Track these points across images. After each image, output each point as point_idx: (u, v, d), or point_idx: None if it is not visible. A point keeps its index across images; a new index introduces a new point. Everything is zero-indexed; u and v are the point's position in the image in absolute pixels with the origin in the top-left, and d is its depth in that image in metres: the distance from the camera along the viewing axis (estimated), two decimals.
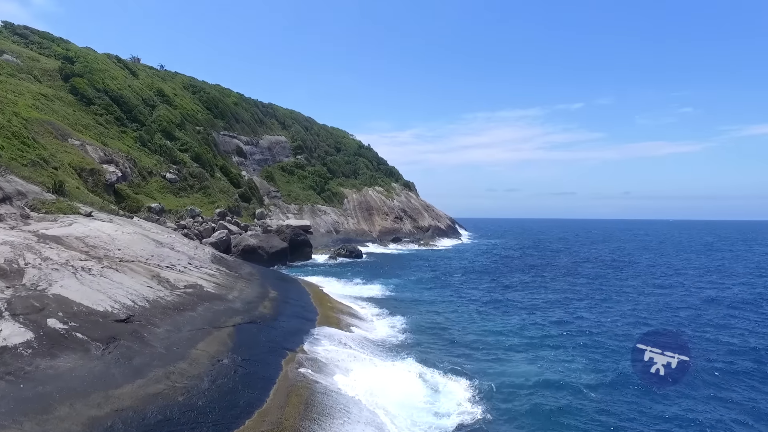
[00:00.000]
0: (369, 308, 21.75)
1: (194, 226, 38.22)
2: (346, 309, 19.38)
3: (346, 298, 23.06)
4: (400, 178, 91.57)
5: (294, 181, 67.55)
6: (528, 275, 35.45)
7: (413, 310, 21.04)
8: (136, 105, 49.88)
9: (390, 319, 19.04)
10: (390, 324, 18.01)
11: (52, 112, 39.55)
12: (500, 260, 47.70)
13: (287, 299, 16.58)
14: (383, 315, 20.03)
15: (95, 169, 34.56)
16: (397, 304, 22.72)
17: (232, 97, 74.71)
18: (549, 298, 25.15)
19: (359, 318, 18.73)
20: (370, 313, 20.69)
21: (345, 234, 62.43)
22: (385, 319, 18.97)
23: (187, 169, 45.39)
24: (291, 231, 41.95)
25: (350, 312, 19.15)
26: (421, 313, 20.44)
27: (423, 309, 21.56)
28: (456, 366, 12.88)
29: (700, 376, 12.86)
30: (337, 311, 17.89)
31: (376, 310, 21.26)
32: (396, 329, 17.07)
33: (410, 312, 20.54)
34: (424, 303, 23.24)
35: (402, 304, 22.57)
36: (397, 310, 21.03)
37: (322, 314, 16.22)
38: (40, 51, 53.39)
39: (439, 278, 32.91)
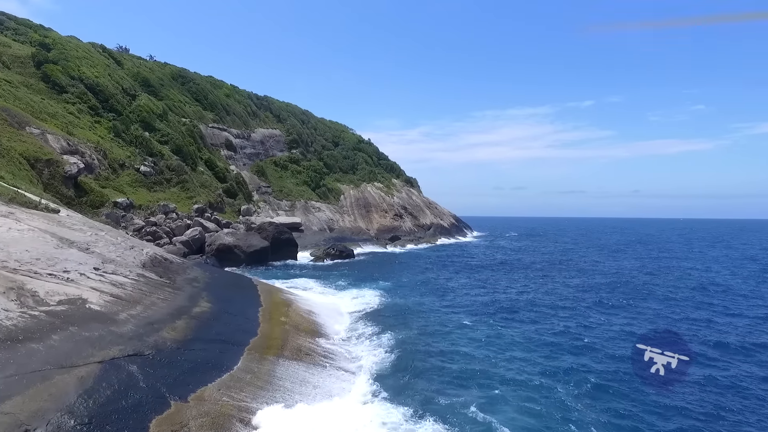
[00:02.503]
0: (343, 321, 18.19)
1: (165, 223, 34.89)
2: (307, 324, 15.79)
3: (320, 307, 19.51)
4: (401, 173, 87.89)
5: (287, 177, 64.11)
6: (537, 279, 31.67)
7: (398, 325, 17.40)
8: (114, 94, 46.66)
9: (363, 341, 15.44)
10: (362, 349, 14.41)
11: (15, 98, 36.37)
12: (504, 261, 43.88)
13: (221, 314, 13.03)
14: (357, 333, 16.45)
15: (53, 159, 31.26)
16: (379, 315, 19.13)
17: (225, 89, 71.42)
18: (562, 309, 21.40)
19: (323, 336, 15.16)
20: (343, 328, 17.12)
21: (340, 232, 58.89)
22: (357, 342, 15.38)
23: (164, 162, 42.07)
24: (274, 229, 38.47)
25: (312, 329, 15.57)
26: (406, 330, 16.78)
27: (410, 323, 17.91)
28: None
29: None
30: (291, 329, 14.32)
31: (351, 325, 17.69)
32: (367, 359, 13.44)
33: (393, 328, 16.92)
34: (413, 314, 19.60)
35: (385, 316, 18.97)
36: (378, 324, 17.44)
37: (264, 335, 12.66)
38: (15, 37, 50.31)
39: (434, 282, 29.24)
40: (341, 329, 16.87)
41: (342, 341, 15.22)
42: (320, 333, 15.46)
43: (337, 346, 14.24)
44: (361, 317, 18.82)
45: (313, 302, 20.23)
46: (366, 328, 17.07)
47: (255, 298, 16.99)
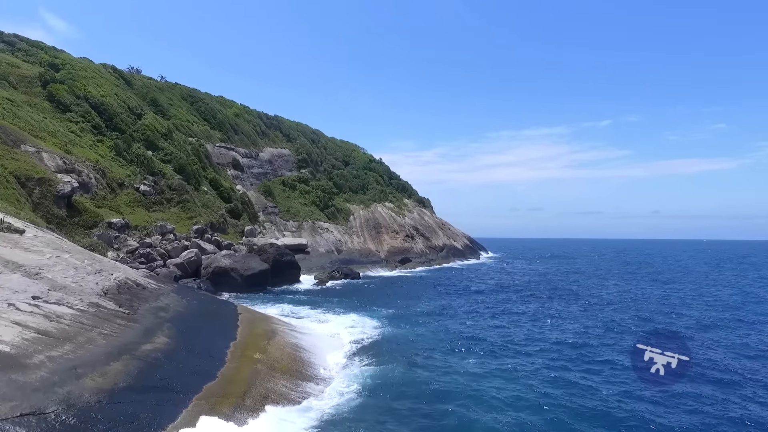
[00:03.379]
0: (332, 356, 16.07)
1: (161, 244, 33.41)
2: (287, 362, 13.75)
3: (309, 339, 17.49)
4: (413, 193, 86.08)
5: (295, 197, 62.75)
6: (557, 306, 29.14)
7: (393, 363, 15.23)
8: (118, 113, 46.13)
9: (350, 384, 13.30)
10: (345, 396, 12.27)
11: (14, 117, 35.78)
12: (519, 284, 41.29)
13: (178, 352, 11.10)
14: (344, 372, 14.31)
15: (45, 178, 30.20)
16: (375, 350, 16.98)
17: (234, 109, 71.13)
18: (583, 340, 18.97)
19: (302, 377, 13.09)
20: (330, 365, 15.02)
21: (348, 254, 56.95)
22: (342, 385, 13.25)
23: (165, 181, 40.95)
24: (275, 251, 36.73)
25: (292, 367, 13.53)
26: (401, 370, 14.61)
27: (408, 362, 15.70)
28: None
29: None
30: (265, 368, 12.29)
31: (340, 361, 15.57)
32: (347, 410, 11.29)
33: (387, 367, 14.77)
34: (412, 350, 17.38)
35: (381, 352, 16.81)
36: (371, 362, 15.32)
37: (225, 378, 10.66)
38: (26, 58, 50.57)
39: (440, 310, 26.93)
40: (327, 366, 14.78)
41: (323, 382, 13.12)
42: (300, 373, 13.39)
43: (315, 392, 12.13)
44: (355, 352, 16.69)
45: (302, 333, 18.19)
46: (356, 366, 14.93)
47: (231, 330, 15.05)
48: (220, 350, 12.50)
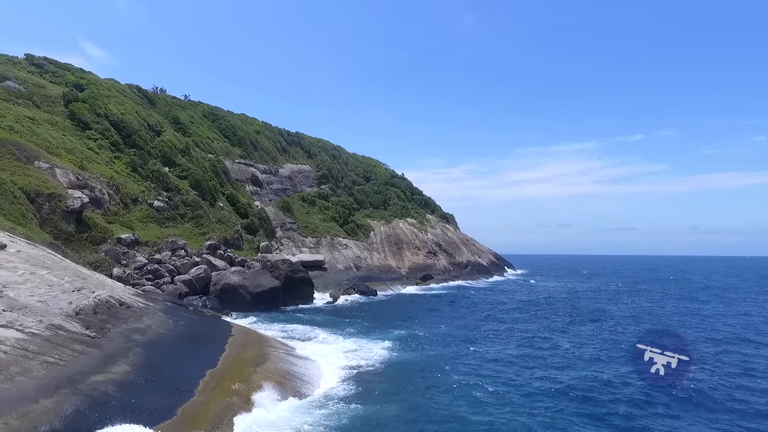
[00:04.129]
0: (324, 385, 14.35)
1: (171, 260, 32.62)
2: (274, 392, 12.13)
3: (304, 366, 15.88)
4: (436, 209, 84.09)
5: (314, 212, 61.79)
6: (585, 329, 26.69)
7: (387, 402, 13.36)
8: (137, 130, 46.35)
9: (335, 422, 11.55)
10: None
11: (32, 134, 36.05)
12: (544, 304, 38.72)
13: (135, 383, 9.65)
14: (329, 409, 12.56)
15: (55, 194, 29.91)
16: (375, 379, 15.21)
17: (255, 126, 71.29)
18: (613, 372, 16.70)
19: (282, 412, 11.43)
20: (317, 397, 13.29)
21: (367, 270, 55.30)
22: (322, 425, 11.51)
23: (180, 197, 40.49)
24: (287, 267, 35.45)
25: (280, 394, 11.88)
26: (395, 412, 12.75)
27: (410, 397, 13.83)
28: None
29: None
30: (240, 401, 10.72)
31: (331, 392, 13.83)
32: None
33: (381, 408, 12.93)
34: (419, 381, 15.47)
35: (382, 381, 15.05)
36: (367, 395, 13.52)
37: (186, 416, 9.14)
38: (52, 79, 51.78)
39: (457, 332, 24.91)
40: (314, 399, 13.04)
41: (303, 417, 11.40)
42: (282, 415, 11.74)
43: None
44: (352, 380, 14.94)
45: (298, 358, 16.58)
46: (347, 401, 13.13)
47: (214, 355, 13.58)
48: (191, 380, 11.00)
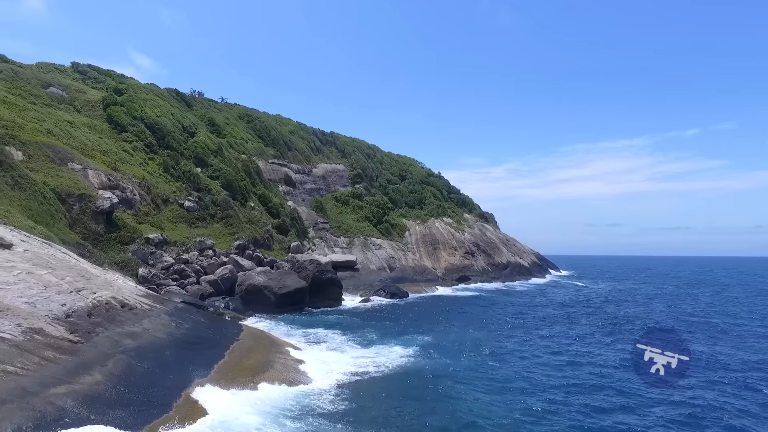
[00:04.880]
0: (322, 403, 12.94)
1: (198, 260, 32.38)
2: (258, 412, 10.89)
3: (315, 374, 14.62)
4: (474, 208, 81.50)
5: (348, 212, 60.90)
6: (633, 337, 24.15)
7: (386, 417, 11.83)
8: (171, 131, 46.93)
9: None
10: None
11: (69, 137, 36.89)
12: (590, 309, 35.95)
13: (104, 396, 8.63)
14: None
15: (85, 194, 30.23)
16: (378, 393, 13.70)
17: (289, 126, 71.37)
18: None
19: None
20: (316, 411, 11.92)
21: (401, 271, 53.78)
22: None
23: (210, 197, 40.47)
24: (315, 268, 34.51)
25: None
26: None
27: (414, 421, 12.21)
28: None
29: None
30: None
31: (324, 409, 12.38)
32: None
33: (377, 422, 11.42)
34: (430, 399, 13.86)
35: (384, 397, 13.50)
36: (362, 416, 12.04)
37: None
38: (94, 85, 53.48)
39: (487, 339, 23.00)
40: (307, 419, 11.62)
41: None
42: None
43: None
44: (351, 389, 13.47)
45: (307, 366, 15.31)
46: (332, 418, 11.64)
47: (210, 362, 12.53)
48: (171, 393, 9.92)
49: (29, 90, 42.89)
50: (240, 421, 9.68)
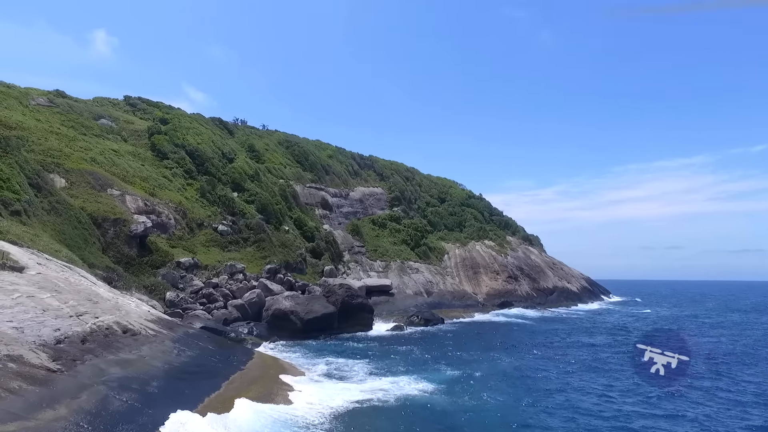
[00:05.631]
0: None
1: (227, 284, 32.23)
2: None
3: (311, 415, 13.44)
4: (518, 230, 78.40)
5: (384, 235, 59.92)
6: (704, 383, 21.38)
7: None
8: (210, 158, 48.13)
9: None
10: None
11: (112, 164, 38.38)
12: (647, 340, 32.74)
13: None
14: None
15: (120, 219, 30.96)
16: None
17: (328, 151, 71.99)
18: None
19: None
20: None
21: (439, 296, 51.87)
22: None
23: (244, 221, 40.73)
24: (344, 292, 33.54)
25: None
26: None
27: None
28: None
29: None
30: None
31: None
32: None
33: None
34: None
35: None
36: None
37: None
38: (142, 116, 56.13)
39: (522, 376, 20.92)
40: None
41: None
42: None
43: None
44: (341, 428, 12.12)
45: (308, 406, 14.09)
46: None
47: (200, 395, 11.62)
48: (141, 431, 9.01)
49: (81, 122, 45.36)
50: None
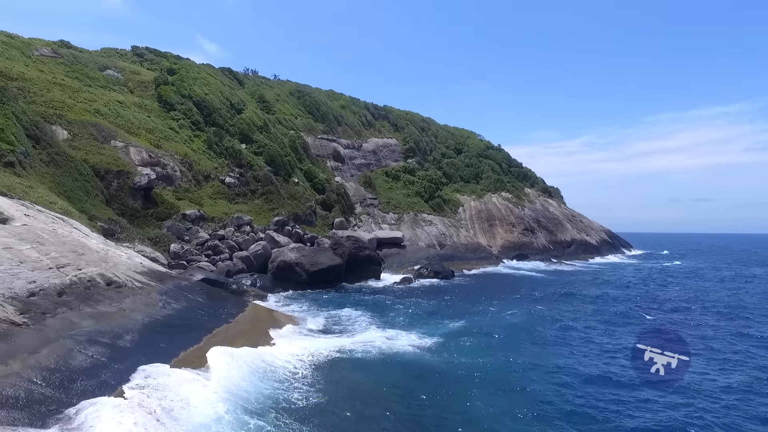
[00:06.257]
0: (283, 386, 11.35)
1: (233, 236, 32.05)
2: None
3: (290, 356, 13.08)
4: (537, 182, 76.21)
5: (398, 187, 58.84)
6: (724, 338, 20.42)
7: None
8: (218, 108, 47.02)
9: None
10: None
11: (117, 116, 37.71)
12: (664, 295, 31.67)
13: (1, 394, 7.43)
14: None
15: (123, 171, 30.62)
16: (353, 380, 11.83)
17: (341, 101, 69.93)
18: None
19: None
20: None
21: (452, 249, 51.21)
22: None
23: (252, 173, 40.10)
24: (351, 244, 33.04)
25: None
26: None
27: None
28: None
29: None
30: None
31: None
32: None
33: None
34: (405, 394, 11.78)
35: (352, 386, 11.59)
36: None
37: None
38: (150, 66, 54.86)
39: (531, 324, 20.30)
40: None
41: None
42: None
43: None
44: (319, 379, 11.69)
45: (286, 348, 13.72)
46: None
47: (175, 349, 11.24)
48: (103, 387, 8.62)
49: (86, 73, 44.44)
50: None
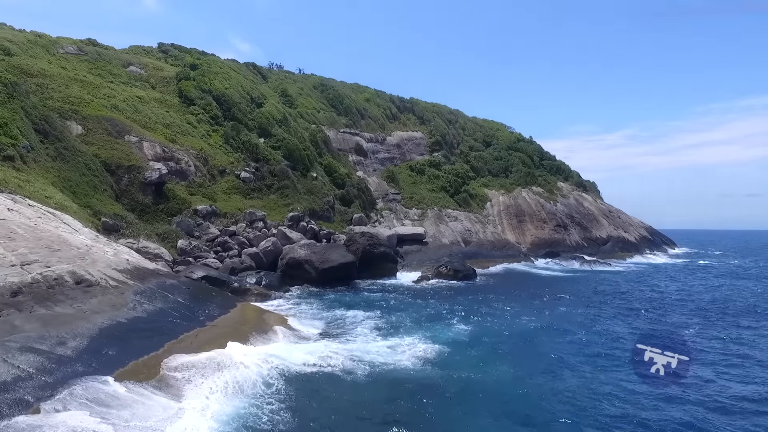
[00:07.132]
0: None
1: (245, 232, 31.24)
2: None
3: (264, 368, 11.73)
4: (571, 176, 72.58)
5: (422, 182, 57.01)
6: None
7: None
8: (237, 103, 46.50)
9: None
10: None
11: (134, 111, 37.61)
12: (709, 302, 28.78)
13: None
14: None
15: (135, 165, 30.25)
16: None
17: (365, 94, 68.56)
18: None
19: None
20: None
21: (477, 246, 49.05)
22: None
23: (268, 167, 39.27)
24: (366, 241, 31.63)
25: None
26: None
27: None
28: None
29: None
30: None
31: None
32: None
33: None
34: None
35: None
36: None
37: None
38: (173, 63, 55.04)
39: (542, 339, 18.27)
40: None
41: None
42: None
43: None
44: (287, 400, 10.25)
45: (254, 373, 12.38)
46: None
47: (125, 359, 10.09)
48: (18, 406, 7.49)
49: (109, 69, 44.80)
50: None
